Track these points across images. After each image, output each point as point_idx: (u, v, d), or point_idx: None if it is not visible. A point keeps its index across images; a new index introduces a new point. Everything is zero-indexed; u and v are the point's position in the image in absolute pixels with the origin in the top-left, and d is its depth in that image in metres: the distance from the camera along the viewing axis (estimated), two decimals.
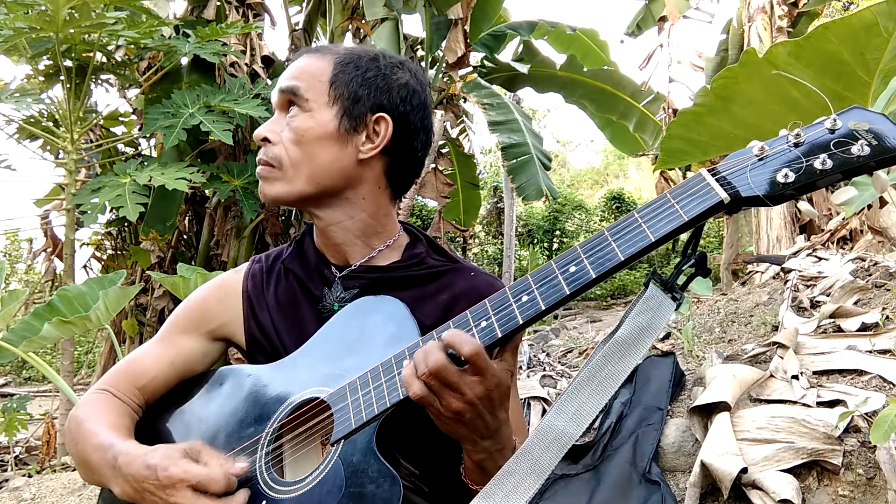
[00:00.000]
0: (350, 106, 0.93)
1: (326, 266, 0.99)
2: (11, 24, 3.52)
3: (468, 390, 0.72)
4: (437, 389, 0.72)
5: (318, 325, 0.94)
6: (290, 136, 0.93)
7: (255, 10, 5.20)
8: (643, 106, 6.66)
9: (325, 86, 0.93)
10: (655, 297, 0.68)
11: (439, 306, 0.95)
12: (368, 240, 0.98)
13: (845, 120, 0.62)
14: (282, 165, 0.93)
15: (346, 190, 0.95)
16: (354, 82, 0.93)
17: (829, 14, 8.92)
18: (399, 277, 0.97)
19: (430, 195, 5.74)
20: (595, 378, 0.68)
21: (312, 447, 0.88)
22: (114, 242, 5.43)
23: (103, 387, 0.98)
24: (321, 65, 0.95)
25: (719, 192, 0.65)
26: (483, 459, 0.79)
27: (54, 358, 8.08)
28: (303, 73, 0.94)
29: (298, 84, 0.93)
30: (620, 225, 0.70)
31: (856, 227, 4.25)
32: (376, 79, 0.94)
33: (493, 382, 0.73)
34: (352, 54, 0.96)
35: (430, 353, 0.72)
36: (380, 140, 0.94)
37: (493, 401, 0.74)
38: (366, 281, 0.96)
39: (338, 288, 0.97)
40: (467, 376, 0.72)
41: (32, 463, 3.84)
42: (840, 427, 1.65)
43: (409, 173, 1.00)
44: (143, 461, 0.78)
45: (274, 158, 0.94)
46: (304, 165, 0.93)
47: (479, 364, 0.71)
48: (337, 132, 0.92)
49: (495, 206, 13.34)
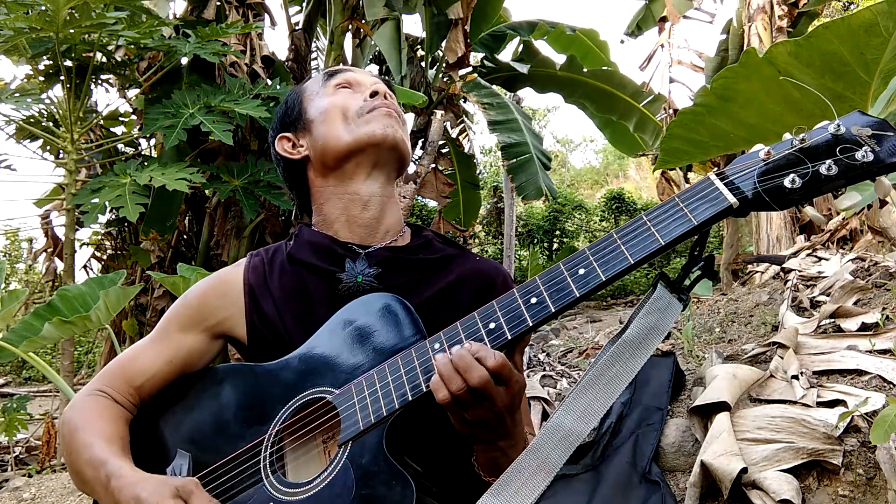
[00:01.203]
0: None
1: (340, 245, 1.00)
2: (11, 24, 3.52)
3: (499, 400, 0.74)
4: (470, 401, 0.73)
5: (327, 307, 0.93)
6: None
7: (255, 10, 5.19)
8: (643, 106, 6.66)
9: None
10: (663, 298, 0.69)
11: (446, 288, 0.97)
12: (391, 226, 1.03)
13: (848, 125, 0.63)
14: (400, 120, 1.04)
15: (400, 176, 1.08)
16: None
17: (829, 14, 8.92)
18: (412, 260, 0.99)
19: (430, 195, 5.74)
20: (603, 377, 0.69)
21: (314, 448, 0.87)
22: (114, 242, 5.42)
23: (99, 387, 0.96)
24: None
25: (728, 197, 0.65)
26: (497, 457, 0.80)
27: (54, 358, 8.08)
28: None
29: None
30: (629, 228, 0.70)
31: (856, 227, 4.26)
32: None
33: (516, 389, 0.75)
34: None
35: (472, 368, 0.72)
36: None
37: (515, 406, 0.77)
38: (385, 259, 0.98)
39: (363, 262, 0.97)
40: (496, 387, 0.74)
41: (32, 463, 3.84)
42: (840, 427, 1.66)
43: None
44: (132, 491, 0.77)
45: (398, 112, 1.04)
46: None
47: (505, 375, 0.73)
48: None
49: (495, 206, 13.33)
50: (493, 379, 0.73)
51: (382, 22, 4.98)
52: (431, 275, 0.99)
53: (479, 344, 0.74)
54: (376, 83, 1.06)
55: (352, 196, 1.01)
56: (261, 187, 4.39)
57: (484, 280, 0.99)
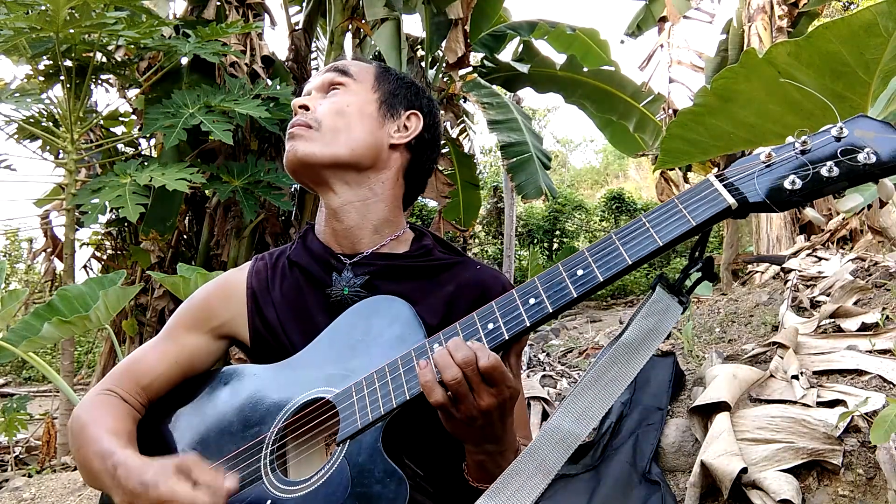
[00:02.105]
0: (389, 98, 1.03)
1: (332, 256, 1.00)
2: (11, 24, 3.52)
3: (487, 398, 0.74)
4: (460, 394, 0.74)
5: (325, 314, 0.95)
6: (330, 106, 1.00)
7: (255, 10, 5.19)
8: (643, 106, 6.66)
9: (370, 76, 1.05)
10: (662, 301, 0.69)
11: (443, 298, 0.97)
12: (379, 228, 1.00)
13: (851, 128, 0.63)
14: (320, 127, 0.98)
15: (371, 170, 1.00)
16: (394, 83, 1.06)
17: (829, 14, 8.93)
18: (408, 266, 0.99)
19: (430, 195, 5.74)
20: (602, 379, 0.69)
21: (316, 447, 0.88)
22: (114, 242, 5.42)
23: (107, 386, 0.98)
24: (367, 65, 1.07)
25: (727, 198, 0.65)
26: (484, 460, 0.81)
27: (54, 358, 8.08)
28: (352, 64, 1.06)
29: (350, 68, 1.04)
30: (628, 229, 0.70)
31: (856, 227, 4.26)
32: (412, 86, 1.07)
33: (508, 393, 0.75)
34: (390, 67, 1.09)
35: (459, 348, 0.74)
36: (410, 132, 1.03)
37: (506, 410, 0.76)
38: (376, 268, 0.97)
39: (348, 273, 0.97)
40: (486, 385, 0.74)
41: (32, 463, 3.83)
42: (840, 427, 1.66)
43: (422, 178, 1.08)
44: (138, 477, 0.78)
45: (313, 120, 0.99)
46: (343, 133, 0.98)
47: (497, 375, 0.73)
48: (377, 112, 1.01)
49: (495, 206, 13.35)
50: (485, 378, 0.73)
51: (382, 22, 4.98)
52: (429, 283, 0.98)
53: (480, 344, 0.75)
54: (299, 100, 1.02)
55: (327, 209, 1.02)
56: (261, 187, 4.39)
57: (483, 290, 0.98)
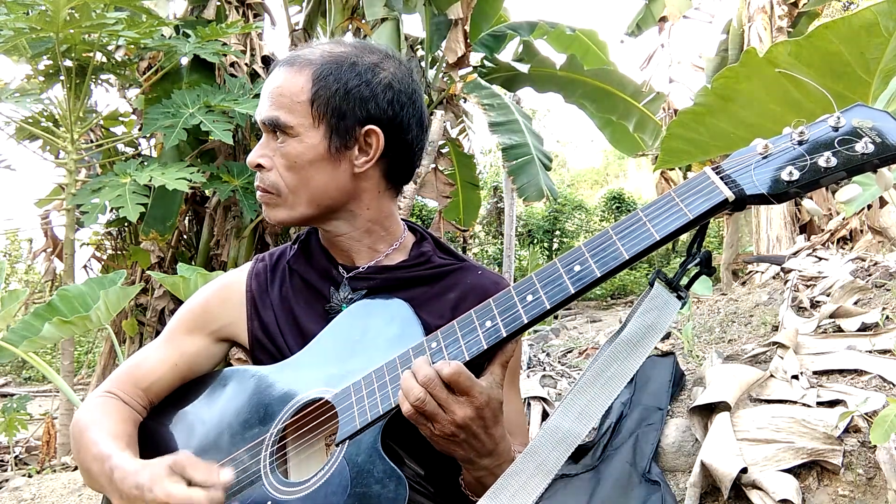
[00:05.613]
0: (336, 123, 0.90)
1: (334, 266, 0.99)
2: (11, 24, 3.52)
3: (459, 410, 0.72)
4: (429, 412, 0.72)
5: (322, 325, 0.94)
6: (282, 162, 0.91)
7: (255, 10, 5.20)
8: (643, 106, 6.66)
9: (306, 106, 0.90)
10: (661, 296, 0.68)
11: (447, 305, 0.96)
12: (374, 244, 0.99)
13: (849, 117, 0.62)
14: (280, 192, 0.93)
15: (348, 204, 0.95)
16: (337, 97, 0.89)
17: (829, 14, 8.92)
18: (407, 277, 0.97)
19: (430, 195, 5.74)
20: (601, 377, 0.68)
21: (317, 448, 0.88)
22: (114, 242, 5.42)
23: (108, 389, 0.99)
24: (299, 81, 0.90)
25: (724, 191, 0.65)
26: (483, 476, 0.79)
27: (54, 358, 8.07)
28: (281, 97, 0.90)
29: (278, 115, 0.90)
30: (625, 224, 0.70)
31: (856, 227, 4.26)
32: (359, 88, 0.90)
33: (482, 400, 0.73)
34: (330, 64, 0.91)
35: (420, 368, 0.73)
36: (373, 152, 0.92)
37: (486, 419, 0.74)
38: (374, 282, 0.96)
39: (345, 289, 0.97)
40: (455, 397, 0.73)
41: (32, 463, 3.83)
42: (840, 427, 1.66)
43: (409, 166, 0.99)
44: (133, 480, 0.78)
45: (272, 186, 0.93)
46: (303, 190, 0.92)
47: (463, 383, 0.72)
48: (328, 153, 0.90)
49: (495, 206, 13.34)
50: (451, 389, 0.72)
51: (382, 22, 4.98)
52: (430, 289, 0.97)
53: (443, 361, 0.74)
54: (252, 158, 0.94)
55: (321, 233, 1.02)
56: None
57: (485, 296, 0.98)
